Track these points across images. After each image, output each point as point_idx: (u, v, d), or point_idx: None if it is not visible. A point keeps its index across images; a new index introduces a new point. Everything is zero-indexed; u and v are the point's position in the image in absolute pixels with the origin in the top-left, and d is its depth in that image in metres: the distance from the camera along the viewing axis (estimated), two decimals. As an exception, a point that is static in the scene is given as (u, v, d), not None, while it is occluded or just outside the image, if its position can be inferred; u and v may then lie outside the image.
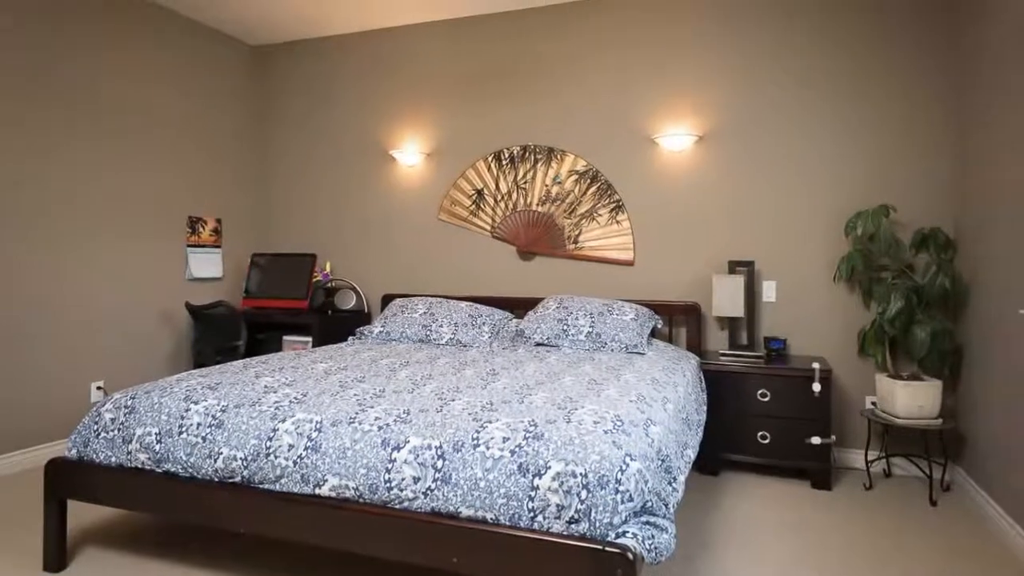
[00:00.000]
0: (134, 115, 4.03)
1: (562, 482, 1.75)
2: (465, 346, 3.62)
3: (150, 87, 4.13)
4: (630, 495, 1.73)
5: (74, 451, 2.37)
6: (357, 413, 2.11)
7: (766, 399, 3.32)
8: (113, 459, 2.29)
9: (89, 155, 3.76)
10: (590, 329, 3.50)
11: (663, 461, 2.00)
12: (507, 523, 1.78)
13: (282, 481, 2.04)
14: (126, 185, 3.98)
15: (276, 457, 2.05)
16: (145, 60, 4.09)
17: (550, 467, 1.78)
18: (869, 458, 3.38)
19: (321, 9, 4.27)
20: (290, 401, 2.24)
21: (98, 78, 3.80)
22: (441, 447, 1.91)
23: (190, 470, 2.17)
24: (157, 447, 2.22)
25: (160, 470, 2.22)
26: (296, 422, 2.10)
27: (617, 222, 4.02)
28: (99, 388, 3.81)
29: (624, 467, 1.76)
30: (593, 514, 1.71)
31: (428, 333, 3.73)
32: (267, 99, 4.99)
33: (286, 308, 4.39)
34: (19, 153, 3.41)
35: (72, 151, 3.67)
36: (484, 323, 3.76)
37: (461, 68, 4.41)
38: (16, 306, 3.41)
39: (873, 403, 3.46)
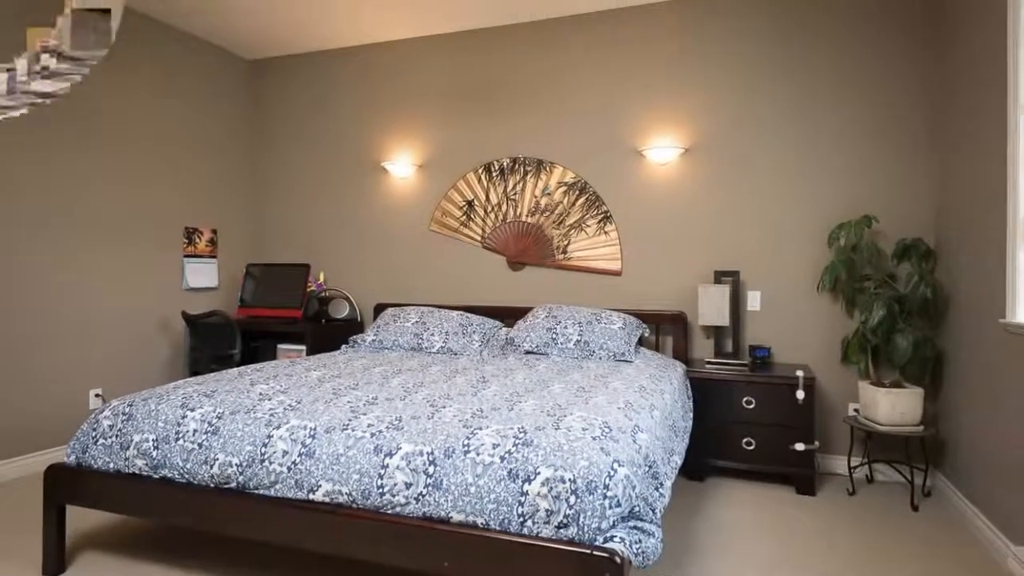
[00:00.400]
0: (133, 127, 4.08)
1: (551, 487, 1.80)
2: (456, 354, 3.67)
3: (149, 99, 4.17)
4: (618, 500, 1.77)
5: (73, 457, 2.40)
6: (350, 420, 2.15)
7: (751, 406, 3.38)
8: (111, 465, 2.33)
9: (88, 166, 3.80)
10: (579, 338, 3.55)
11: (650, 467, 2.04)
12: (497, 528, 1.83)
13: (277, 487, 2.08)
14: (125, 196, 4.02)
15: (271, 463, 2.09)
16: (144, 73, 4.14)
17: (539, 473, 1.82)
18: (852, 464, 3.44)
19: (316, 24, 4.33)
20: (284, 408, 2.28)
21: (97, 90, 3.85)
22: (432, 453, 1.95)
23: (186, 476, 2.21)
24: (154, 453, 2.26)
25: (157, 476, 2.26)
26: (290, 429, 2.14)
27: (605, 233, 4.08)
28: (97, 395, 3.84)
29: (612, 473, 1.81)
30: (581, 519, 1.75)
31: (420, 342, 3.78)
32: (263, 112, 5.05)
33: (280, 317, 4.44)
34: (19, 163, 3.45)
35: (72, 162, 3.72)
36: (475, 332, 3.82)
37: (452, 82, 4.48)
38: (16, 314, 3.44)
39: (856, 410, 3.53)
